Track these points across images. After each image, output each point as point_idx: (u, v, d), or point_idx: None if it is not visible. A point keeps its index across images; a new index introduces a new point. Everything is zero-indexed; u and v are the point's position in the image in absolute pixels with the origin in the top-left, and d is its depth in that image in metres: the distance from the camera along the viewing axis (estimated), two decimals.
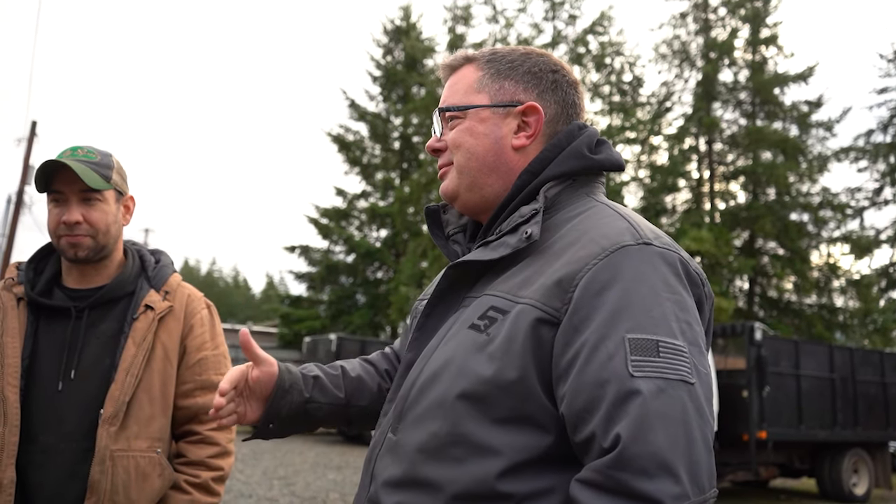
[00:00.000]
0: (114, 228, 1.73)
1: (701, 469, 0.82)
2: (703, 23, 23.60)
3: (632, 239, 0.94)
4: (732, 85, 23.10)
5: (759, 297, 22.75)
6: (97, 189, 1.66)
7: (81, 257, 1.69)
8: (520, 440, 0.90)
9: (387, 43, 26.60)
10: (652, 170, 23.30)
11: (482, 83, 1.11)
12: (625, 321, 0.87)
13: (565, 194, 1.06)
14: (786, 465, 10.95)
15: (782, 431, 10.09)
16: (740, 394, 9.95)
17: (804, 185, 22.26)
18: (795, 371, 10.47)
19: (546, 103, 1.10)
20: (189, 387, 1.74)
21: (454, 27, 25.61)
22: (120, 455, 1.60)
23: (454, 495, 0.91)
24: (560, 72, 1.13)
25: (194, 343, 1.77)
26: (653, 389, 0.83)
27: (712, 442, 0.86)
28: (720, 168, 23.35)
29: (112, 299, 1.71)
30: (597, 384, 0.85)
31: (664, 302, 0.89)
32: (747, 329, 10.14)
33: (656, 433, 0.81)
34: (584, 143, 1.08)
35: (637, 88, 24.57)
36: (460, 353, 0.96)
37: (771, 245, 22.56)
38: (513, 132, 1.09)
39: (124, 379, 1.63)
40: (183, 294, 1.80)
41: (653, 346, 0.86)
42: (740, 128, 22.96)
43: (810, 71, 22.27)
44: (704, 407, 0.86)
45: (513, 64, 1.11)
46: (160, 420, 1.68)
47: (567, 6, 24.51)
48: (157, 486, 1.64)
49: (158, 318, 1.71)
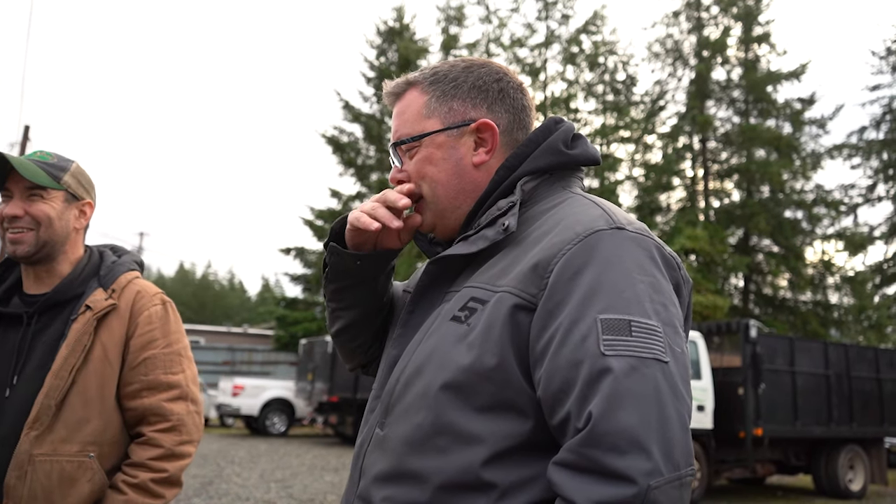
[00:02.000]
0: (59, 226, 1.70)
1: (674, 446, 0.82)
2: (695, 21, 23.66)
3: (605, 224, 0.96)
4: (725, 83, 23.17)
5: (755, 294, 22.82)
6: (41, 185, 1.66)
7: (21, 254, 1.67)
8: (503, 427, 0.91)
9: (380, 44, 26.59)
10: (646, 168, 23.34)
11: (430, 107, 1.11)
12: (598, 303, 0.88)
13: (542, 188, 1.09)
14: (782, 461, 10.99)
15: (778, 428, 10.12)
16: (736, 391, 9.98)
17: (798, 182, 22.34)
18: (791, 368, 10.51)
19: (497, 115, 1.12)
20: (135, 387, 1.68)
21: (447, 28, 25.63)
22: (42, 460, 1.56)
23: (440, 485, 0.91)
24: (504, 79, 1.14)
25: (139, 342, 1.70)
26: (624, 367, 0.84)
27: (689, 420, 0.86)
28: (714, 166, 23.41)
29: (58, 303, 1.69)
30: (571, 365, 0.86)
31: (637, 283, 0.90)
32: (742, 326, 10.17)
33: (628, 410, 0.82)
34: (559, 139, 1.10)
35: (631, 87, 24.61)
36: (442, 345, 0.97)
37: (765, 242, 22.64)
38: (471, 151, 1.10)
39: (52, 383, 1.59)
40: (131, 291, 1.74)
41: (625, 326, 0.86)
42: (734, 126, 23.02)
43: (803, 68, 22.35)
44: (679, 385, 0.87)
45: (456, 82, 1.12)
46: (95, 423, 1.62)
47: (560, 6, 24.54)
48: (85, 490, 1.59)
49: (99, 318, 1.66)
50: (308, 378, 15.92)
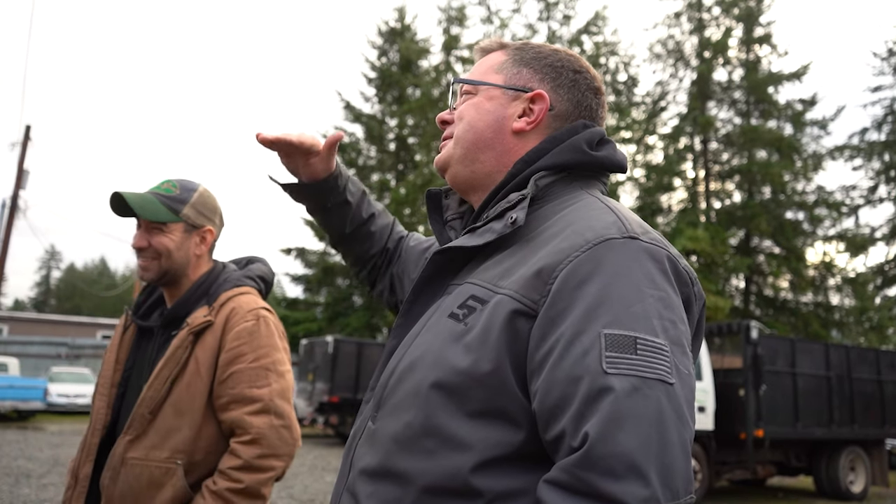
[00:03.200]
0: (178, 256, 1.84)
1: (674, 473, 0.78)
2: (697, 22, 23.66)
3: (617, 232, 0.91)
4: (727, 84, 23.17)
5: (756, 295, 22.81)
6: (160, 221, 1.83)
7: (147, 279, 1.86)
8: (492, 435, 0.88)
9: (381, 44, 26.60)
10: (647, 169, 23.34)
11: (503, 66, 1.13)
12: (603, 316, 0.84)
13: (558, 186, 1.04)
14: (783, 463, 10.98)
15: (779, 430, 10.11)
16: (737, 392, 9.98)
17: (799, 183, 22.33)
18: (792, 369, 10.50)
19: (558, 97, 1.10)
20: (223, 401, 1.75)
21: (448, 28, 25.64)
22: (134, 463, 1.68)
23: (424, 488, 0.89)
24: (583, 73, 1.12)
25: (227, 357, 1.77)
26: (627, 387, 0.80)
27: (690, 446, 0.83)
28: (715, 167, 23.40)
29: (175, 318, 1.84)
30: (569, 380, 0.82)
31: (647, 298, 0.85)
32: (743, 328, 10.16)
33: (627, 433, 0.78)
34: (583, 139, 1.06)
35: (632, 88, 24.62)
36: (438, 342, 0.94)
37: (766, 244, 22.63)
38: (517, 115, 1.09)
39: (146, 394, 1.72)
40: (228, 308, 1.82)
41: (630, 343, 0.82)
42: (735, 127, 23.01)
43: (804, 69, 22.35)
44: (684, 409, 0.82)
45: (538, 55, 1.13)
46: (186, 433, 1.71)
47: (561, 6, 24.56)
48: (168, 495, 1.67)
49: (195, 333, 1.77)
50: (308, 378, 15.92)
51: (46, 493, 7.78)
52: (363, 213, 1.44)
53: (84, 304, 60.54)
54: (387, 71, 25.94)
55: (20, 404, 17.00)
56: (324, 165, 1.37)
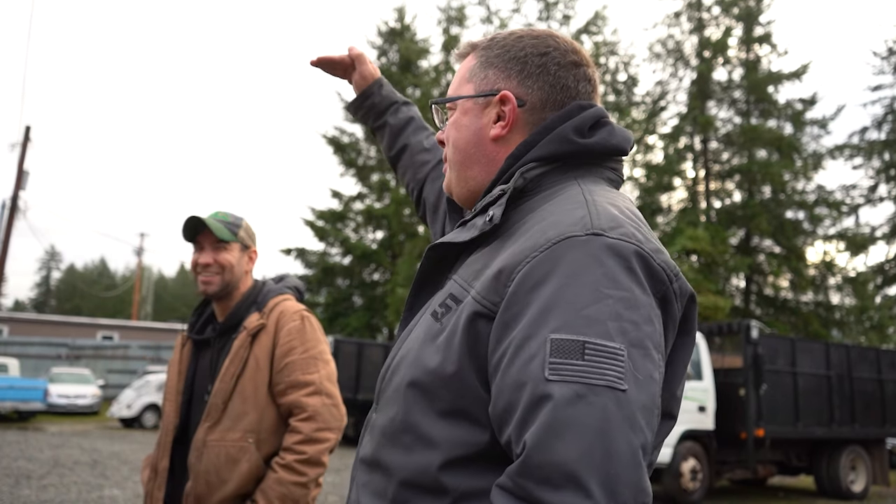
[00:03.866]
0: (237, 270, 2.19)
1: (620, 483, 0.74)
2: (696, 22, 23.64)
3: (581, 229, 0.86)
4: (727, 83, 23.15)
5: (756, 295, 22.80)
6: (225, 240, 2.17)
7: (211, 292, 2.16)
8: (459, 434, 0.88)
9: (381, 45, 26.59)
10: (647, 169, 23.33)
11: (473, 73, 1.09)
12: (553, 320, 0.80)
13: (551, 176, 1.00)
14: (783, 462, 10.99)
15: (779, 429, 10.12)
16: (737, 392, 9.98)
17: (799, 182, 22.31)
18: (792, 369, 10.50)
19: (527, 90, 1.05)
20: (281, 387, 2.08)
21: (448, 28, 25.63)
22: (213, 444, 2.01)
23: (401, 481, 0.91)
24: (551, 54, 1.06)
25: (281, 351, 2.10)
26: (568, 395, 0.76)
27: (645, 454, 0.78)
28: (715, 167, 23.39)
29: (229, 327, 2.16)
30: (515, 387, 0.80)
31: (604, 299, 0.80)
32: (743, 327, 10.16)
33: (566, 442, 0.74)
34: (571, 126, 1.01)
35: (632, 88, 24.60)
36: (419, 340, 0.96)
37: (767, 243, 22.61)
38: (492, 122, 1.06)
39: (218, 387, 2.06)
40: (276, 312, 2.16)
41: (577, 348, 0.78)
42: (735, 126, 23.00)
43: (804, 69, 22.33)
44: (637, 416, 0.77)
45: (503, 50, 1.08)
46: (252, 416, 2.04)
47: (561, 6, 24.55)
48: (244, 468, 2.00)
49: (252, 335, 2.10)
50: None
51: (47, 494, 7.77)
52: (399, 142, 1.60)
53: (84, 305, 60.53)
54: (386, 71, 25.92)
55: (20, 405, 17.00)
56: (362, 81, 1.65)
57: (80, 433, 15.51)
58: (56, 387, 19.25)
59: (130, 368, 24.41)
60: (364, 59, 1.65)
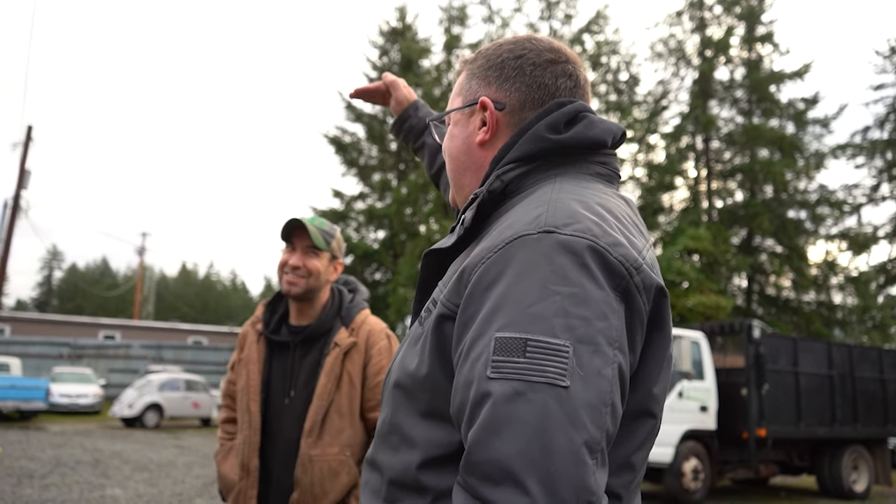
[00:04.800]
0: (322, 278, 2.27)
1: (560, 481, 0.73)
2: (698, 21, 23.63)
3: (534, 228, 0.87)
4: (728, 83, 23.14)
5: (758, 294, 22.78)
6: (318, 248, 2.26)
7: (294, 294, 2.24)
8: (436, 435, 0.90)
9: (383, 44, 26.59)
10: (649, 168, 23.31)
11: (462, 87, 1.14)
12: (499, 319, 0.81)
13: (531, 177, 1.01)
14: (785, 462, 10.98)
15: (781, 429, 10.11)
16: (739, 392, 9.97)
17: (801, 182, 22.29)
18: (794, 368, 10.49)
19: (505, 93, 1.07)
20: (371, 404, 2.20)
21: (450, 28, 25.62)
22: (316, 458, 2.12)
23: (390, 480, 0.95)
24: (526, 55, 1.08)
25: (373, 370, 2.23)
26: (507, 392, 0.77)
27: (592, 451, 0.76)
28: (717, 166, 23.37)
29: (314, 335, 2.25)
30: (465, 386, 0.82)
31: (551, 296, 0.80)
32: (745, 327, 10.15)
33: (503, 439, 0.75)
34: (546, 123, 1.02)
35: (633, 87, 24.58)
36: (406, 344, 1.01)
37: (769, 243, 22.59)
38: (477, 129, 1.10)
39: (317, 403, 2.15)
40: (365, 330, 2.28)
41: (519, 346, 0.78)
42: (737, 126, 22.99)
43: (806, 68, 22.31)
44: (580, 413, 0.76)
45: (485, 60, 1.11)
46: (349, 431, 2.17)
47: (563, 5, 24.54)
48: (345, 481, 2.13)
49: (344, 353, 2.21)
50: None
51: (49, 494, 7.78)
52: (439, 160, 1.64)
53: (86, 305, 60.60)
54: (388, 70, 25.93)
55: (22, 404, 17.02)
56: (398, 105, 1.74)
57: (81, 433, 15.53)
58: (58, 386, 19.27)
59: (132, 368, 24.44)
60: (398, 84, 1.74)
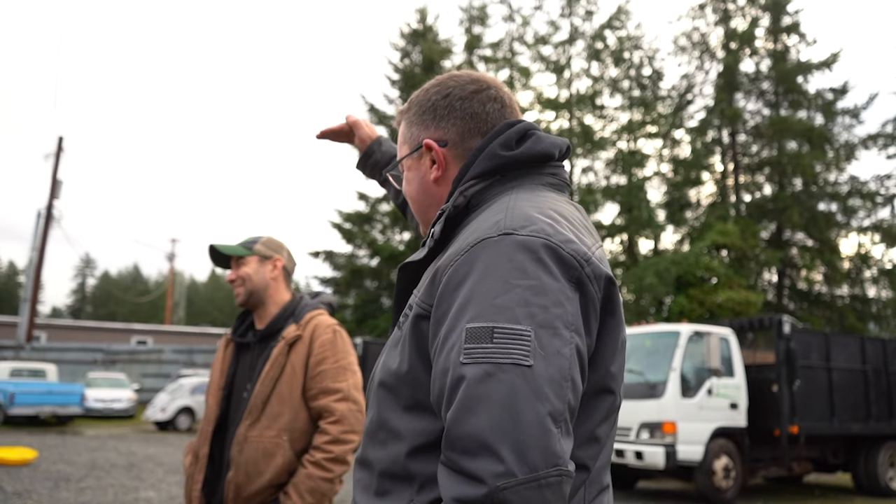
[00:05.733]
0: (256, 279, 2.43)
1: (529, 448, 0.84)
2: (722, 13, 23.36)
3: (494, 231, 0.98)
4: (754, 75, 22.83)
5: (789, 289, 22.44)
6: (241, 255, 2.45)
7: (240, 302, 2.43)
8: (420, 425, 1.00)
9: (404, 46, 26.65)
10: (674, 164, 23.10)
11: (404, 135, 1.26)
12: (468, 312, 0.92)
13: (491, 190, 1.12)
14: (819, 459, 10.78)
15: (814, 426, 9.93)
16: (770, 388, 9.82)
17: (831, 174, 21.92)
18: (826, 364, 10.31)
19: (444, 131, 1.19)
20: (313, 392, 2.30)
21: (470, 28, 25.63)
22: (252, 439, 2.24)
23: (380, 472, 1.04)
24: (452, 93, 1.20)
25: (315, 360, 2.33)
26: (478, 374, 0.87)
27: (557, 421, 0.86)
28: (744, 160, 23.08)
29: (269, 334, 2.41)
30: (442, 374, 0.92)
31: (513, 289, 0.91)
32: (775, 322, 10.00)
33: (477, 415, 0.85)
34: (499, 143, 1.13)
35: (657, 82, 24.37)
36: (387, 348, 1.11)
37: (799, 236, 22.25)
38: (429, 169, 1.21)
39: (259, 389, 2.29)
40: (312, 325, 2.39)
41: (487, 333, 0.89)
42: (764, 118, 22.68)
43: (834, 58, 21.93)
44: (543, 387, 0.87)
45: (419, 108, 1.23)
46: (287, 416, 2.27)
47: (583, 2, 24.40)
48: (279, 462, 2.23)
49: (289, 344, 2.33)
50: None
51: (84, 497, 7.93)
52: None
53: (118, 311, 61.66)
54: (409, 72, 26.00)
55: (59, 409, 17.36)
56: (362, 143, 1.87)
57: (116, 436, 15.80)
58: (93, 391, 19.62)
59: (164, 372, 24.80)
60: (360, 124, 1.88)
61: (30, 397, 16.82)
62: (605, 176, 24.07)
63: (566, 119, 23.80)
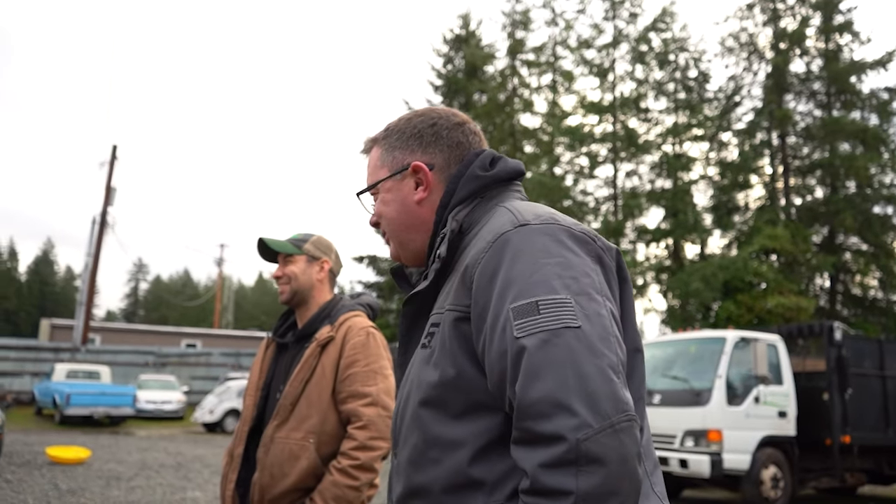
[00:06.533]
0: (303, 279, 2.40)
1: (599, 398, 0.89)
2: (771, 13, 22.86)
3: (510, 225, 1.06)
4: (805, 75, 22.27)
5: (842, 295, 21.79)
6: (290, 253, 2.41)
7: (284, 300, 2.41)
8: (478, 426, 1.02)
9: (447, 52, 26.78)
10: (722, 167, 22.67)
11: (383, 159, 1.31)
12: (509, 295, 0.98)
13: (477, 212, 1.20)
14: (874, 471, 10.43)
15: (868, 436, 9.62)
16: (821, 397, 9.55)
17: (887, 176, 21.22)
18: (880, 372, 9.97)
19: (431, 155, 1.27)
20: (342, 395, 2.26)
21: (513, 32, 25.60)
22: (278, 440, 2.21)
23: (441, 491, 1.03)
24: (438, 123, 1.28)
25: (346, 362, 2.29)
26: (536, 343, 0.93)
27: (615, 371, 0.92)
28: (795, 162, 22.51)
29: (305, 335, 2.38)
30: (500, 357, 0.97)
31: (543, 267, 0.99)
32: (826, 329, 9.72)
33: (544, 379, 0.90)
34: (477, 167, 1.23)
35: (703, 84, 23.97)
36: (416, 370, 1.12)
37: (853, 240, 21.60)
38: (413, 191, 1.27)
39: (288, 390, 2.26)
40: (345, 326, 2.35)
41: (532, 307, 0.95)
42: (815, 119, 22.10)
43: (889, 56, 21.23)
44: (596, 343, 0.93)
45: (401, 133, 1.30)
46: (315, 419, 2.23)
47: (627, 4, 24.16)
48: (304, 465, 2.18)
49: (321, 346, 2.30)
50: None
51: (134, 496, 8.16)
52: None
53: (169, 314, 63.16)
54: (453, 78, 26.11)
55: (112, 410, 17.88)
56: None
57: (166, 437, 16.20)
58: (144, 393, 20.16)
59: (212, 375, 25.31)
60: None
61: (85, 398, 17.37)
62: (649, 180, 23.75)
63: (610, 123, 23.56)
